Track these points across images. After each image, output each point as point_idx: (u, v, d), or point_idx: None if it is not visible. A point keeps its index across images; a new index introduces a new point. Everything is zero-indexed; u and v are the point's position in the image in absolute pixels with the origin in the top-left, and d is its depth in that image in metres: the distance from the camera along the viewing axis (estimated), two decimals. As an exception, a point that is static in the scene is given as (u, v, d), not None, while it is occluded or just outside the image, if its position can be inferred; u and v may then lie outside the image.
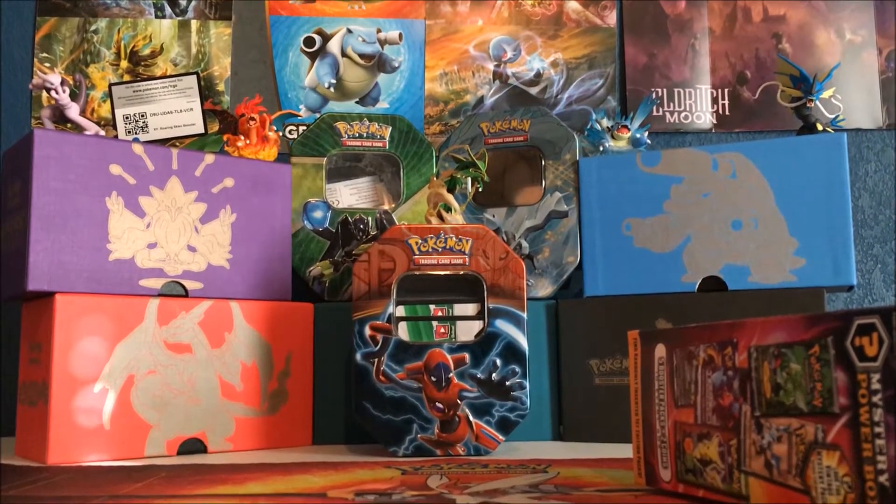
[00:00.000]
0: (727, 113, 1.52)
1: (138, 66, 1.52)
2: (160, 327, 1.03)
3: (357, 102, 1.53)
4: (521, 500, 0.64)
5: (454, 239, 1.02)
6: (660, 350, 0.64)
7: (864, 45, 1.52)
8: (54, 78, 1.16)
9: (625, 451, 0.99)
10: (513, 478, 0.78)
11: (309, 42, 1.53)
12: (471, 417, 0.99)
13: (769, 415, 0.52)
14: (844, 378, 0.47)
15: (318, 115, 1.41)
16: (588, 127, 1.31)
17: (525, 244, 1.23)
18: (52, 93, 1.16)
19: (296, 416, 1.14)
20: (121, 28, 1.52)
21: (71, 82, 1.21)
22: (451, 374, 1.00)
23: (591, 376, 1.13)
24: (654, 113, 1.51)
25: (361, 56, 1.54)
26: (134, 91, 1.27)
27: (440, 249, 1.02)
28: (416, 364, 1.00)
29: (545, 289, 1.21)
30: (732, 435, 0.55)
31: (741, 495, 0.54)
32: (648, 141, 1.31)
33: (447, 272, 1.02)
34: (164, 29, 1.53)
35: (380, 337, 1.00)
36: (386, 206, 1.31)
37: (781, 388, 0.51)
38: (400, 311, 1.03)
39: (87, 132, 1.17)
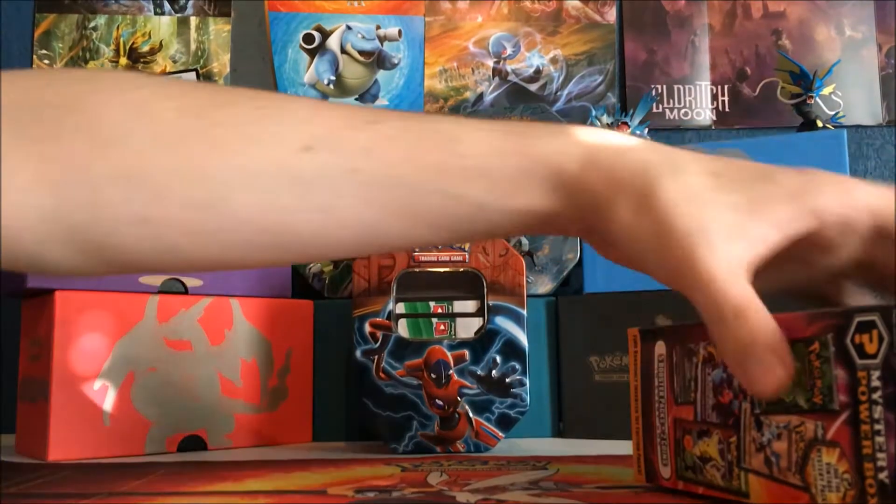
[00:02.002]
0: (727, 109, 1.52)
1: (137, 63, 1.52)
2: (160, 324, 1.03)
3: (357, 99, 1.53)
4: (521, 497, 0.65)
5: (454, 236, 1.01)
6: (659, 347, 0.64)
7: (864, 42, 1.52)
8: (53, 75, 1.16)
9: (625, 447, 0.99)
10: (513, 474, 0.78)
11: (308, 39, 1.53)
12: (471, 414, 0.99)
13: (769, 412, 0.52)
14: (844, 375, 0.47)
15: (317, 112, 1.41)
16: (587, 124, 1.31)
17: (525, 241, 1.23)
18: (52, 90, 1.16)
19: (296, 413, 1.14)
20: (120, 25, 1.52)
21: (70, 79, 1.21)
22: (450, 371, 1.00)
23: (591, 373, 1.13)
24: (654, 109, 1.51)
25: (361, 53, 1.53)
26: (133, 88, 1.26)
27: (440, 246, 1.02)
28: (415, 361, 1.00)
29: (545, 286, 1.21)
30: (732, 432, 0.55)
31: (741, 492, 0.54)
32: (648, 138, 1.31)
33: (447, 269, 1.02)
34: (163, 25, 1.53)
35: (379, 334, 1.00)
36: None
37: None
38: (400, 308, 1.03)
39: (86, 129, 1.17)
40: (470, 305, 1.04)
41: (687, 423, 0.60)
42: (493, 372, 1.00)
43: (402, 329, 1.03)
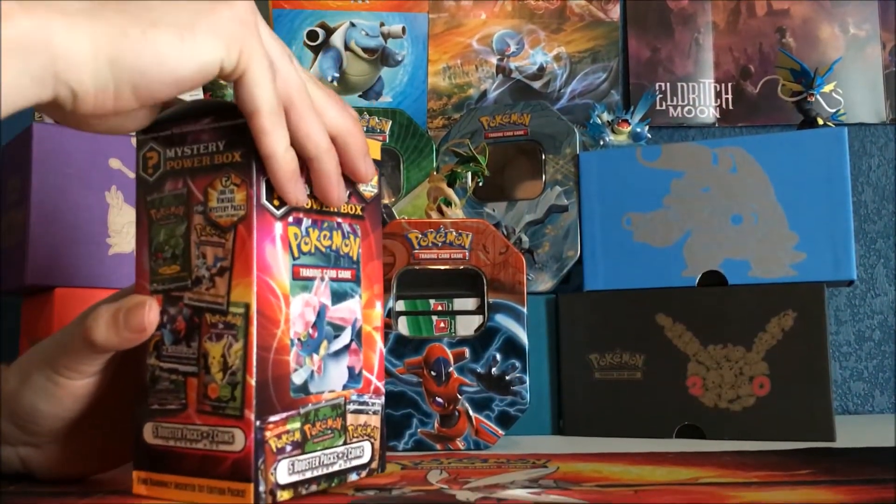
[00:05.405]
0: (731, 107, 1.52)
1: (140, 60, 1.52)
2: (160, 321, 1.03)
3: (360, 96, 1.53)
4: (520, 495, 0.64)
5: (454, 233, 1.02)
6: None
7: (867, 40, 1.51)
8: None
9: (625, 445, 0.99)
10: (513, 472, 0.78)
11: (312, 36, 1.53)
12: (471, 412, 0.99)
13: None
14: None
15: (319, 110, 1.41)
16: (589, 121, 1.31)
17: (525, 238, 1.22)
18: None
19: (296, 410, 1.14)
20: (123, 22, 1.52)
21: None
22: (450, 369, 1.00)
23: (590, 370, 1.13)
24: (658, 107, 1.51)
25: (365, 50, 1.53)
26: (135, 85, 1.26)
27: (440, 244, 1.01)
28: (415, 359, 1.00)
29: (545, 283, 1.21)
30: None
31: None
32: (649, 135, 1.31)
33: (447, 267, 1.02)
34: (165, 23, 1.53)
35: (380, 331, 1.00)
36: (386, 201, 1.31)
37: None
38: (400, 305, 1.03)
39: (88, 126, 1.17)
40: (470, 303, 1.04)
41: None
42: (493, 369, 1.00)
43: (403, 326, 1.03)
